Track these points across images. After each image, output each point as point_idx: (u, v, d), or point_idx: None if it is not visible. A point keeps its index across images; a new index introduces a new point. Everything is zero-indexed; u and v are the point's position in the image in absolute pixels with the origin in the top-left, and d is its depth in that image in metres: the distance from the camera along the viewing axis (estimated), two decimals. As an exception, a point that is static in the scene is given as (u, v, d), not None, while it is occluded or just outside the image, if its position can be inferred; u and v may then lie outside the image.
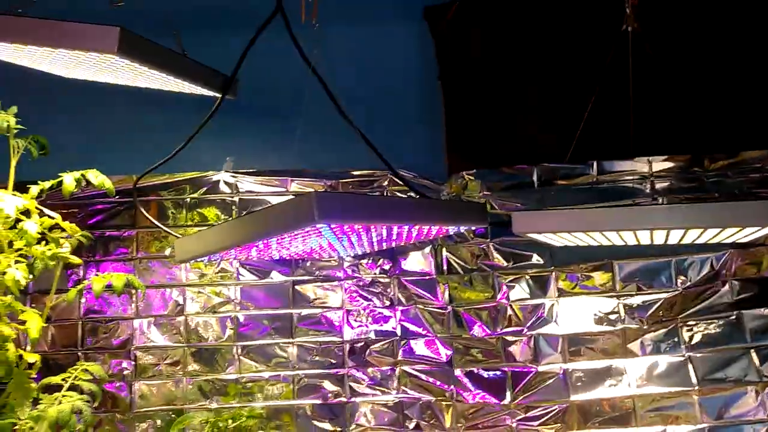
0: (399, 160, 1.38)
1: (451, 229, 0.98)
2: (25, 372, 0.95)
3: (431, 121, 1.39)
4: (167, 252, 1.38)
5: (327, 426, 1.30)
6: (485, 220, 0.90)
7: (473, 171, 1.32)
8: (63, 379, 1.00)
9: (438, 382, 1.30)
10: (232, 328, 1.34)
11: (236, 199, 1.39)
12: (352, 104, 1.09)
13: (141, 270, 1.36)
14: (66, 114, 1.24)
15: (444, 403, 1.30)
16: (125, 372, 1.32)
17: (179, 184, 1.39)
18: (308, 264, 1.36)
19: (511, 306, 1.30)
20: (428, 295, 1.34)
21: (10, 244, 1.01)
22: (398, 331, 1.33)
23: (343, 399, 1.31)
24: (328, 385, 1.32)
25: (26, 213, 1.03)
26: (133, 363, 1.32)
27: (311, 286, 1.35)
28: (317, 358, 1.33)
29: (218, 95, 1.06)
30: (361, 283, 1.35)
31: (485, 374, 1.29)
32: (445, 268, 1.35)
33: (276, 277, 1.36)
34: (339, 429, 1.30)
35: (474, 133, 1.36)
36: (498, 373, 1.29)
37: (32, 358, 0.95)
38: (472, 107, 1.36)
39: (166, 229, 1.03)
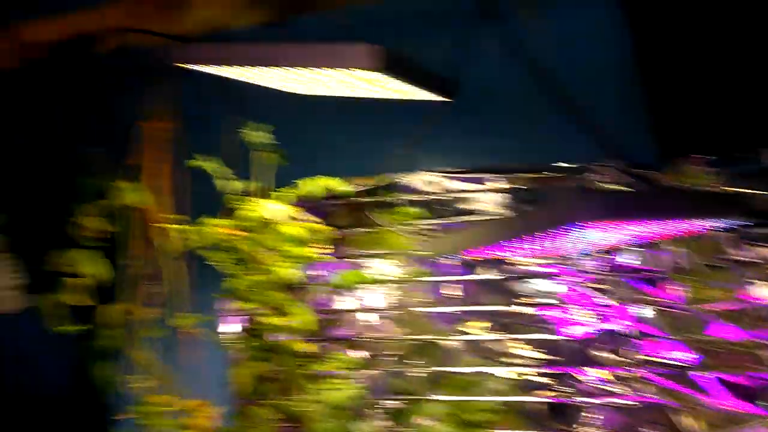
0: (601, 150, 1.27)
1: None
2: (296, 360, 1.07)
3: (632, 108, 1.24)
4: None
5: (552, 426, 1.27)
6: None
7: (699, 158, 1.15)
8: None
9: (676, 386, 1.19)
10: (452, 324, 1.36)
11: (443, 199, 1.39)
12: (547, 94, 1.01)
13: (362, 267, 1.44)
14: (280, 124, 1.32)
15: (683, 408, 1.18)
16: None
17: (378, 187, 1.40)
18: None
19: (758, 305, 1.13)
20: (663, 294, 1.22)
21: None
22: (630, 332, 1.24)
23: (570, 399, 1.26)
24: (554, 384, 1.28)
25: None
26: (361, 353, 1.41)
27: (530, 282, 1.32)
28: (541, 357, 1.29)
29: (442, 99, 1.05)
30: (587, 281, 1.28)
31: (732, 380, 1.15)
32: (681, 264, 1.21)
33: (492, 273, 1.34)
34: (565, 429, 1.26)
35: (687, 117, 1.18)
36: (747, 378, 1.14)
37: (311, 348, 1.06)
38: (684, 89, 1.17)
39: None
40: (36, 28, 1.16)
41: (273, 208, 1.07)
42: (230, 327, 1.48)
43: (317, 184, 1.16)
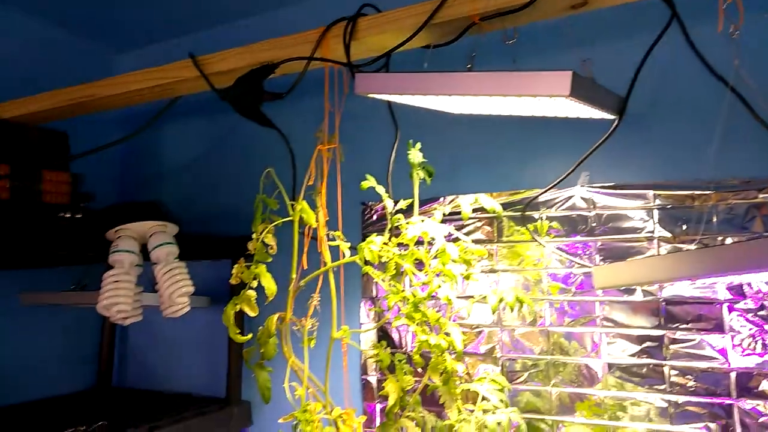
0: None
1: None
2: (453, 379, 1.09)
3: None
4: (517, 264, 1.45)
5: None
6: None
7: None
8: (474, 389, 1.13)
9: None
10: (596, 343, 1.34)
11: (593, 214, 1.38)
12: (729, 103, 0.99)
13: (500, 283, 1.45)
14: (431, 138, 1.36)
15: None
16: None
17: (529, 201, 1.42)
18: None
19: None
20: None
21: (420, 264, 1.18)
22: (802, 363, 1.17)
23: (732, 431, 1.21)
24: (710, 416, 1.23)
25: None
26: (499, 369, 1.42)
27: (685, 306, 1.28)
28: (696, 385, 1.25)
29: (612, 117, 1.07)
30: (748, 306, 1.23)
31: None
32: None
33: (641, 294, 1.32)
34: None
35: None
36: None
37: (460, 366, 1.08)
38: None
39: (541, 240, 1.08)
40: (221, 59, 1.28)
41: (433, 227, 1.11)
42: (369, 336, 1.54)
43: (468, 204, 1.18)
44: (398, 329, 1.54)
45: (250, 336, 1.11)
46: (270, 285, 1.08)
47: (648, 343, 1.30)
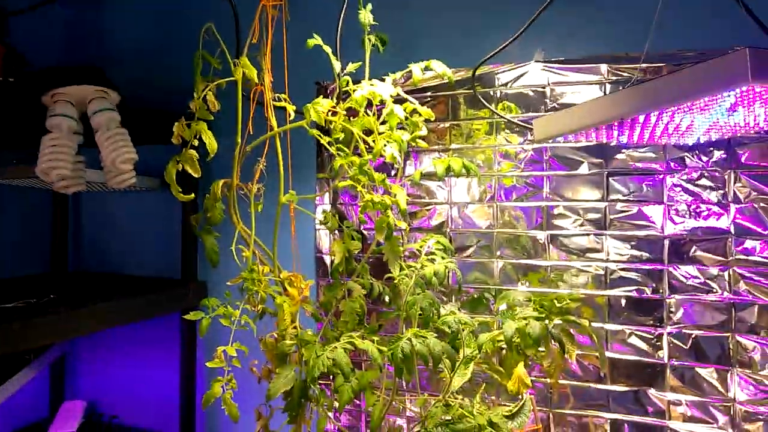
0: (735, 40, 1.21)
1: None
2: (395, 237, 1.11)
3: None
4: (477, 143, 1.44)
5: (641, 320, 1.29)
6: None
7: None
8: (420, 248, 1.15)
9: None
10: (542, 218, 1.37)
11: (548, 90, 1.37)
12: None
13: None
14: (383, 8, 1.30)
15: None
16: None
17: (477, 66, 1.38)
18: (623, 155, 1.31)
19: None
20: None
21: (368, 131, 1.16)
22: (732, 230, 1.22)
23: (661, 295, 1.27)
24: (644, 280, 1.29)
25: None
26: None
27: (626, 178, 1.31)
28: (633, 252, 1.30)
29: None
30: (685, 177, 1.26)
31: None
32: None
33: (587, 168, 1.34)
34: (655, 325, 1.28)
35: None
36: None
37: (403, 224, 1.10)
38: None
39: (504, 116, 1.06)
40: None
41: (382, 87, 1.08)
42: (323, 206, 1.54)
43: (419, 68, 1.15)
44: (353, 208, 1.54)
45: (192, 196, 1.09)
46: (211, 142, 1.05)
47: (591, 215, 1.33)
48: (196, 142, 1.07)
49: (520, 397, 1.16)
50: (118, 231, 1.95)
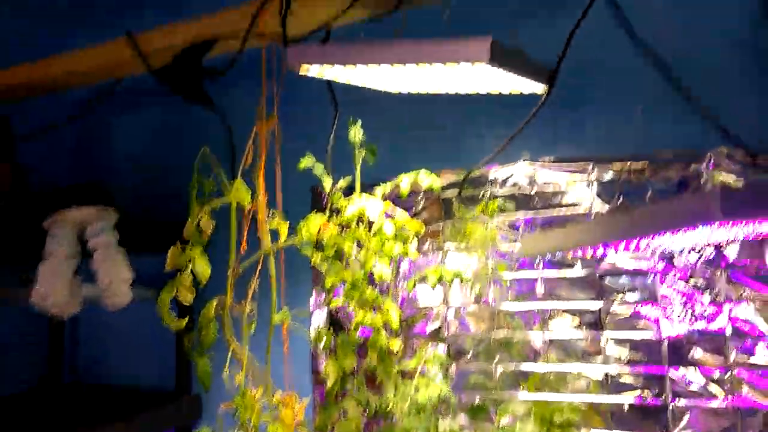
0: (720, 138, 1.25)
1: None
2: (390, 357, 1.10)
3: (758, 90, 1.23)
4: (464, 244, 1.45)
5: (645, 427, 1.25)
6: None
7: None
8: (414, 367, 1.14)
9: None
10: (538, 319, 1.36)
11: (534, 190, 1.40)
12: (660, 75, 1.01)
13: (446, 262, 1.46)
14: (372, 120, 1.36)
15: None
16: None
17: (466, 176, 1.42)
18: (612, 258, 1.32)
19: None
20: (766, 291, 1.19)
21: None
22: (728, 331, 1.21)
23: (664, 400, 1.24)
24: (645, 384, 1.26)
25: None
26: (445, 349, 1.43)
27: (620, 278, 1.31)
28: (632, 356, 1.28)
29: (540, 88, 1.08)
30: (678, 277, 1.26)
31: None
32: None
33: (580, 269, 1.34)
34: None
35: None
36: None
37: (395, 345, 1.09)
38: None
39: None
40: (158, 35, 1.25)
41: (372, 204, 1.11)
42: (318, 322, 1.53)
43: (410, 179, 1.19)
44: (348, 315, 1.54)
45: (185, 321, 1.09)
46: (203, 269, 1.06)
47: (587, 317, 1.33)
48: (190, 269, 1.09)
49: None
50: (114, 340, 1.93)
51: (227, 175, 1.18)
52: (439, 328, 1.45)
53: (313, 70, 1.05)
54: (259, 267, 1.21)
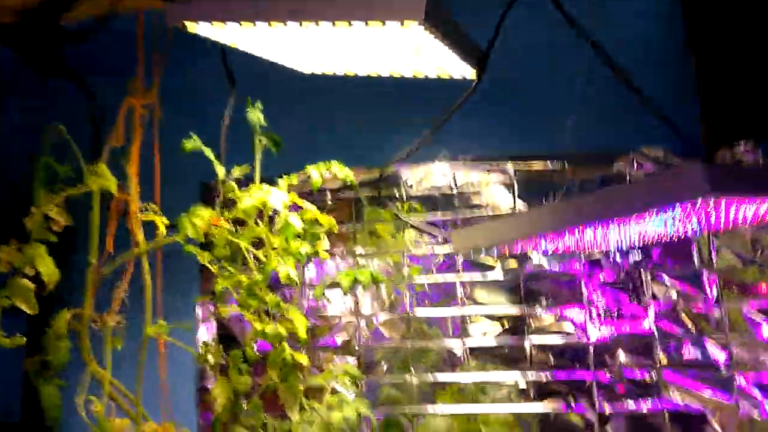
0: (640, 138, 1.23)
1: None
2: (296, 373, 0.92)
3: (676, 95, 1.22)
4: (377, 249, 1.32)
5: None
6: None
7: (750, 143, 1.11)
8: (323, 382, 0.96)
9: (711, 392, 1.12)
10: (458, 326, 1.25)
11: (454, 191, 1.30)
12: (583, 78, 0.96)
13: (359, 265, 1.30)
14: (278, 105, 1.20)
15: (719, 415, 1.12)
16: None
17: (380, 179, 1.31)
18: (539, 257, 1.24)
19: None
20: (692, 291, 1.17)
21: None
22: (655, 332, 1.17)
23: (592, 406, 1.17)
24: (570, 390, 1.19)
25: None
26: (356, 361, 1.27)
27: (545, 282, 1.23)
28: (557, 362, 1.20)
29: (470, 74, 0.97)
30: (604, 278, 1.21)
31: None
32: (713, 259, 1.16)
33: (501, 272, 1.25)
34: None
35: (737, 103, 1.16)
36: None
37: (303, 359, 0.91)
38: (733, 74, 1.16)
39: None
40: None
41: (275, 194, 0.93)
42: (205, 335, 1.30)
43: (322, 170, 1.02)
44: (242, 325, 1.32)
45: (20, 339, 0.84)
46: (49, 270, 0.82)
47: (509, 322, 1.24)
48: (33, 272, 0.83)
49: None
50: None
51: (89, 160, 0.94)
52: (350, 339, 1.29)
53: (203, 30, 0.85)
54: (130, 269, 0.98)
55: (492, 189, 1.29)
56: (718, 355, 1.13)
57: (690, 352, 1.14)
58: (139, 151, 1.03)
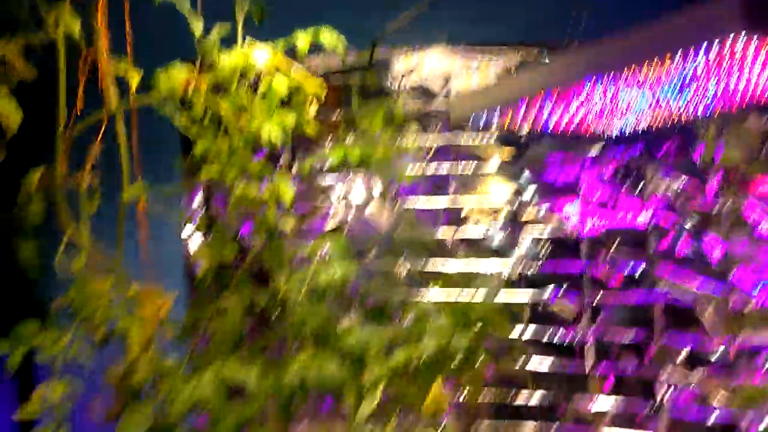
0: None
1: None
2: (281, 240, 0.89)
3: None
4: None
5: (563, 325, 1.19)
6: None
7: None
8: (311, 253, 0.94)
9: (703, 285, 1.12)
10: (450, 216, 1.23)
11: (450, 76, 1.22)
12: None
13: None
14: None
15: (710, 307, 1.12)
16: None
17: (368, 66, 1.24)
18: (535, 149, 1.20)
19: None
20: (693, 187, 1.14)
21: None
22: (649, 226, 1.15)
23: (581, 296, 1.18)
24: (563, 281, 1.19)
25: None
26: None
27: (540, 172, 1.20)
28: (549, 251, 1.20)
29: None
30: (602, 171, 1.17)
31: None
32: (715, 158, 1.12)
33: (497, 163, 1.21)
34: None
35: None
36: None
37: (288, 224, 0.88)
38: None
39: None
40: None
41: (259, 53, 0.86)
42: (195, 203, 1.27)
43: (305, 40, 0.94)
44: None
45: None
46: (10, 112, 0.76)
47: (503, 212, 1.22)
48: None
49: (436, 417, 1.00)
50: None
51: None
52: (341, 225, 1.27)
53: None
54: (103, 130, 0.93)
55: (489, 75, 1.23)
56: (714, 250, 1.12)
57: (685, 247, 1.13)
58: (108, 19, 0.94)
